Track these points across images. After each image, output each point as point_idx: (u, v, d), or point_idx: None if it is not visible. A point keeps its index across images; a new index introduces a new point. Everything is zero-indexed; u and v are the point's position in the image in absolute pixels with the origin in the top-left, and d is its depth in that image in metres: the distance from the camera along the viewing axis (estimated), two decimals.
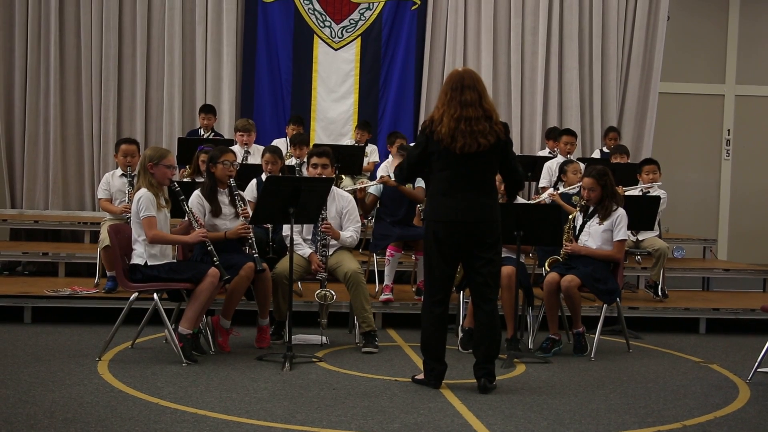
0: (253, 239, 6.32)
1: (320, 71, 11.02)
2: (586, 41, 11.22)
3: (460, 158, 5.20)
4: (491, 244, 5.31)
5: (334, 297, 6.48)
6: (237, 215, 6.39)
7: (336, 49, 11.04)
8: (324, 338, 6.62)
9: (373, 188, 7.69)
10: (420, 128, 5.46)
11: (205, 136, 9.46)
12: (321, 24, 10.99)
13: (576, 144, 9.65)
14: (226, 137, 9.76)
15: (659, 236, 8.48)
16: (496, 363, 5.40)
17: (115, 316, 6.02)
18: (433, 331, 5.34)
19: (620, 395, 5.40)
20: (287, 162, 8.24)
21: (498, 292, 5.60)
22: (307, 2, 10.95)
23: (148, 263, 5.89)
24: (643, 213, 7.65)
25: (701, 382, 5.84)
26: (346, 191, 7.04)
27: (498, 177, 6.64)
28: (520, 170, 5.55)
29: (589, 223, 6.65)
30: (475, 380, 5.35)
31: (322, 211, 6.43)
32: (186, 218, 6.13)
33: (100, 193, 7.52)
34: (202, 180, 6.67)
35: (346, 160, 8.74)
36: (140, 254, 5.92)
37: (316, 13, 10.97)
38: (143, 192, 5.91)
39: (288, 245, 6.14)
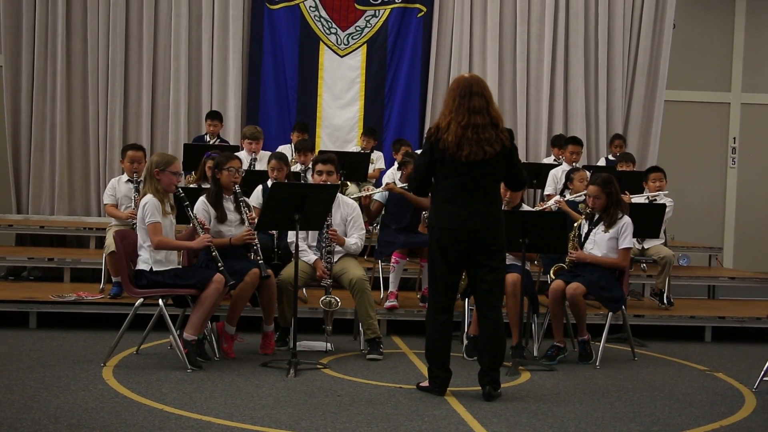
0: (258, 245, 6.32)
1: (326, 78, 11.04)
2: (591, 49, 11.22)
3: (465, 166, 5.19)
4: (496, 251, 5.30)
5: (339, 304, 6.47)
6: (242, 221, 6.39)
7: (342, 56, 11.05)
8: (329, 345, 6.61)
9: (379, 195, 7.69)
10: (426, 135, 5.43)
11: (210, 143, 9.47)
12: (327, 31, 11.01)
13: (582, 153, 9.65)
14: (231, 143, 9.76)
15: (665, 244, 8.46)
16: (500, 370, 5.39)
17: (120, 321, 6.02)
18: (438, 339, 5.33)
19: (625, 403, 5.39)
20: (292, 168, 8.24)
21: (502, 299, 5.58)
22: (314, 9, 10.97)
23: (154, 269, 5.90)
24: (648, 221, 7.64)
25: (707, 391, 5.82)
26: (352, 199, 7.05)
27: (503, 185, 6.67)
28: (524, 176, 5.55)
29: (594, 230, 6.64)
30: (480, 388, 5.33)
31: (328, 218, 6.43)
32: (191, 224, 6.13)
33: (106, 199, 7.54)
34: (208, 186, 6.67)
35: (352, 167, 8.75)
36: (145, 260, 5.92)
37: (322, 20, 10.99)
38: (149, 198, 5.91)
39: (293, 252, 6.14)
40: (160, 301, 5.85)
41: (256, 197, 7.19)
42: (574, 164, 9.10)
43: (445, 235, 5.25)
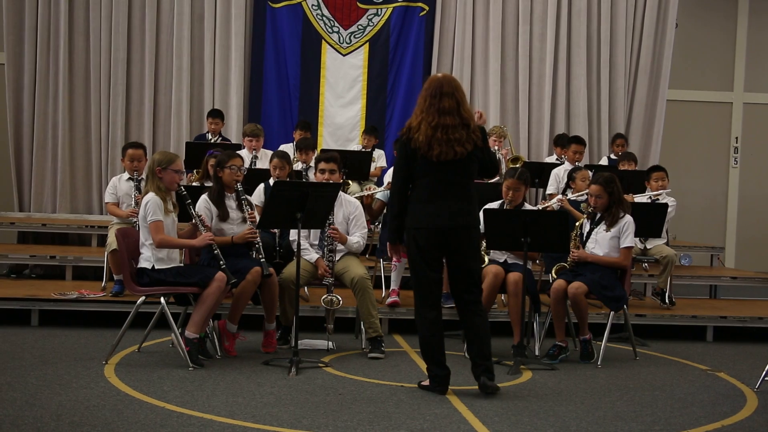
0: (260, 244, 6.32)
1: (328, 77, 11.04)
2: (594, 48, 11.22)
3: (437, 165, 5.22)
4: (471, 250, 5.35)
5: (341, 302, 6.48)
6: (244, 220, 6.40)
7: (344, 55, 11.05)
8: (330, 343, 6.61)
9: (381, 194, 7.70)
10: (399, 136, 5.42)
11: (212, 141, 9.48)
12: (329, 29, 11.01)
13: (584, 152, 9.64)
14: (233, 142, 9.77)
15: (667, 244, 8.45)
16: (495, 365, 5.42)
17: (122, 319, 6.02)
18: (430, 337, 5.33)
19: (627, 402, 5.39)
20: (293, 167, 8.24)
21: (482, 293, 5.59)
22: (316, 8, 10.97)
23: (156, 267, 5.90)
24: (650, 220, 7.63)
25: (708, 391, 5.82)
26: (354, 198, 7.04)
27: (506, 184, 6.70)
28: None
29: (596, 230, 6.64)
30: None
31: (329, 217, 6.43)
32: (192, 221, 6.13)
33: (107, 197, 7.54)
34: (211, 184, 6.68)
35: (354, 166, 8.74)
36: (147, 258, 5.92)
37: (324, 18, 10.99)
38: (151, 196, 5.92)
39: (295, 250, 6.14)
40: (162, 299, 5.85)
41: (257, 196, 7.21)
42: (576, 163, 9.09)
43: (419, 234, 5.28)
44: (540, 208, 7.85)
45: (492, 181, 7.87)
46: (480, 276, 5.50)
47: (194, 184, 7.68)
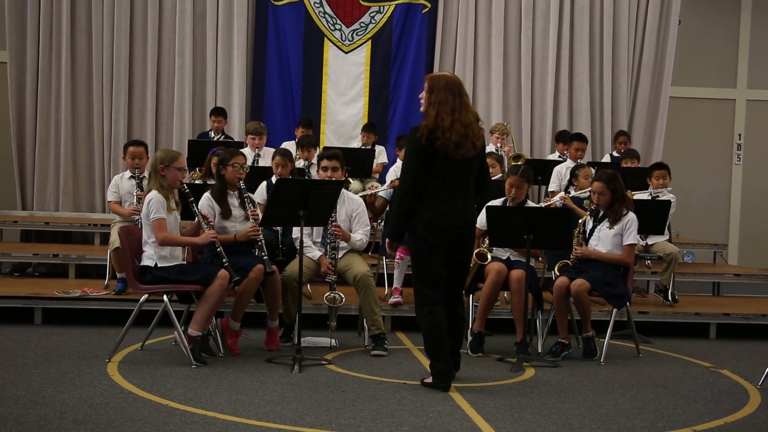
0: (263, 241, 6.32)
1: (330, 74, 11.04)
2: (596, 45, 11.21)
3: (456, 164, 5.26)
4: (469, 247, 5.50)
5: (343, 300, 6.48)
6: (247, 218, 6.40)
7: (346, 52, 11.05)
8: (333, 341, 6.62)
9: (383, 191, 7.70)
10: (417, 137, 5.21)
11: (215, 139, 9.48)
12: (331, 27, 11.01)
13: (586, 149, 9.63)
14: (236, 140, 9.77)
15: (669, 241, 8.44)
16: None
17: (125, 317, 6.03)
18: (434, 332, 5.34)
19: (630, 399, 5.39)
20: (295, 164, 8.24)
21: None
22: (318, 5, 10.97)
23: (158, 265, 5.90)
24: (653, 217, 7.62)
25: (711, 388, 5.81)
26: (356, 195, 7.04)
27: (508, 181, 6.71)
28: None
29: (599, 227, 6.64)
30: (484, 383, 5.34)
31: (332, 214, 6.43)
32: (195, 220, 6.13)
33: (110, 196, 7.54)
34: (213, 182, 6.68)
35: (356, 163, 8.75)
36: (150, 256, 5.93)
37: (326, 16, 10.98)
38: (154, 194, 5.92)
39: (298, 248, 6.15)
40: (165, 297, 5.86)
41: (260, 193, 7.20)
42: (578, 161, 9.08)
43: (429, 233, 5.30)
44: (543, 205, 7.84)
45: (495, 178, 7.85)
46: (467, 272, 5.69)
47: (197, 182, 7.68)
